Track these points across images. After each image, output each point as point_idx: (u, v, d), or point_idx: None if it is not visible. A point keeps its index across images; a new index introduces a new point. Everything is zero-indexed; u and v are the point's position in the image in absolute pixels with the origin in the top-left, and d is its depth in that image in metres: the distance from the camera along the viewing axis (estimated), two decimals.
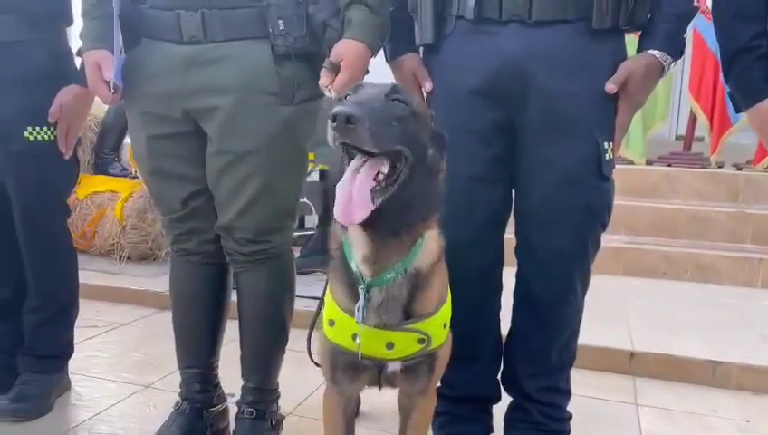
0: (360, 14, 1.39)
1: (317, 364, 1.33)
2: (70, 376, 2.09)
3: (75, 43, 1.72)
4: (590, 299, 1.57)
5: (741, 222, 3.68)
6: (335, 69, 1.37)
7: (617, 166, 1.46)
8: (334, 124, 0.95)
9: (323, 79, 1.38)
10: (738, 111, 1.34)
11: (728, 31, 1.30)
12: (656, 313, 2.91)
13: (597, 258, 1.49)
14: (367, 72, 1.47)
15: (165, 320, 2.83)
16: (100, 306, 2.99)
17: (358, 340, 1.16)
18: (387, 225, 1.06)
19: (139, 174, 3.22)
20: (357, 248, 1.12)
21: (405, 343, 1.18)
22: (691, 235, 3.71)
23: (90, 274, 3.20)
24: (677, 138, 5.03)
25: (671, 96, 4.58)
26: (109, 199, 3.67)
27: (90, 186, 3.74)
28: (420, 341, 1.18)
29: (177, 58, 1.45)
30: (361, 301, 1.14)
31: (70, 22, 1.90)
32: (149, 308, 3.01)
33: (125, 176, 3.89)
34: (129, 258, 3.59)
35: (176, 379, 1.80)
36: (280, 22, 1.41)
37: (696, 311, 2.96)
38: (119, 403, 2.02)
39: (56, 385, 2.00)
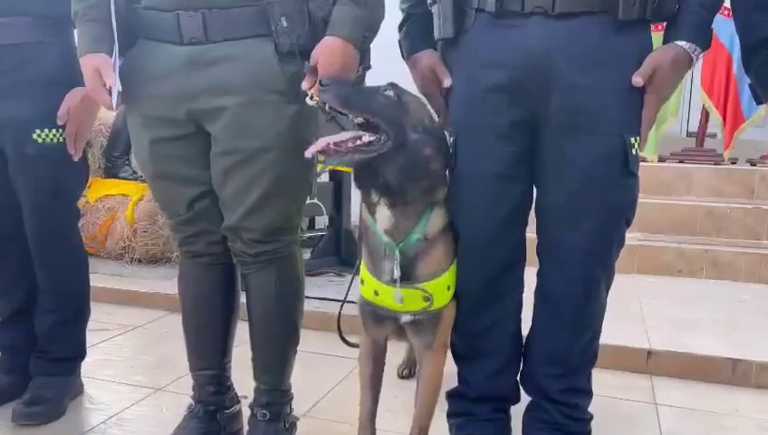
0: (341, 8, 1.39)
1: (346, 342, 1.61)
2: (82, 379, 2.08)
3: None
4: None
5: (757, 218, 3.63)
6: (314, 72, 1.35)
7: None
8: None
9: (304, 84, 1.37)
10: (759, 102, 1.31)
11: (749, 22, 1.27)
12: (672, 311, 2.87)
13: None
14: (368, 66, 1.45)
15: (176, 322, 2.81)
16: (111, 309, 2.98)
17: (391, 270, 1.39)
18: (395, 200, 1.33)
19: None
20: (380, 223, 1.37)
21: (413, 299, 1.39)
22: (706, 232, 3.67)
23: (101, 277, 3.19)
24: (689, 134, 4.98)
25: (682, 92, 4.53)
26: (120, 203, 3.67)
27: (100, 189, 3.75)
28: (425, 299, 1.38)
29: (180, 59, 1.42)
30: (396, 262, 1.37)
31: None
32: (160, 310, 3.00)
33: (135, 179, 3.89)
34: (140, 261, 3.59)
35: (188, 381, 1.78)
36: (283, 19, 1.38)
37: (713, 308, 2.92)
38: (132, 407, 2.01)
39: (69, 388, 1.99)
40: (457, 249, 1.44)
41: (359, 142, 1.29)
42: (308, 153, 1.30)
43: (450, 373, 1.60)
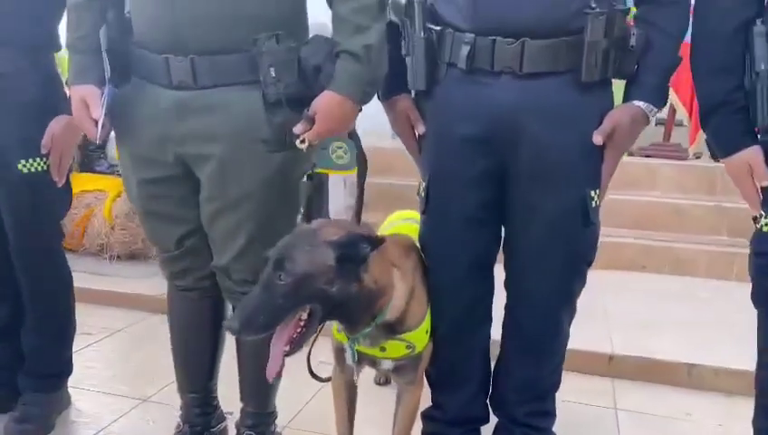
0: (344, 64, 1.40)
1: (316, 377, 1.60)
2: (69, 390, 2.14)
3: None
4: None
5: (718, 215, 3.78)
6: (311, 121, 1.41)
7: None
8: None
9: (297, 128, 1.41)
10: (714, 158, 1.40)
11: (706, 85, 1.36)
12: (635, 311, 3.02)
13: None
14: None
15: (157, 325, 2.92)
16: (92, 310, 2.99)
17: (349, 358, 1.49)
18: (351, 328, 1.40)
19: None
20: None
21: (395, 348, 1.46)
22: (670, 228, 3.82)
23: (80, 275, 3.14)
24: (658, 122, 5.11)
25: None
26: (96, 199, 3.68)
27: (77, 185, 3.70)
28: (408, 347, 1.46)
29: (168, 103, 1.46)
30: (349, 352, 1.46)
31: (58, 48, 1.91)
32: (142, 312, 3.05)
33: (112, 173, 3.89)
34: (118, 257, 3.62)
35: (172, 391, 1.88)
36: (271, 69, 1.41)
37: (674, 308, 3.07)
38: (119, 419, 2.08)
39: (57, 403, 2.06)
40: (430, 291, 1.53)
41: (302, 324, 1.30)
42: (270, 374, 1.35)
43: (425, 393, 1.71)
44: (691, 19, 1.43)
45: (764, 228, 1.31)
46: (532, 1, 1.33)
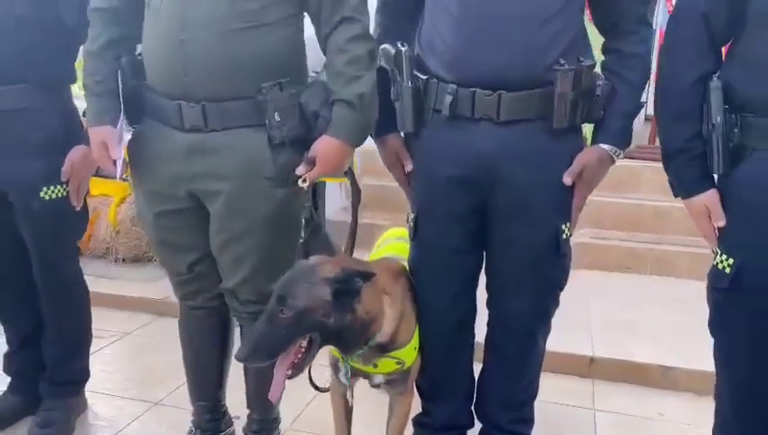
0: (340, 111, 1.54)
1: (317, 388, 1.74)
2: (85, 394, 2.30)
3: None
4: None
5: None
6: (312, 163, 1.56)
7: None
8: None
9: (299, 170, 1.57)
10: (676, 196, 1.55)
11: (667, 131, 1.50)
12: (616, 313, 3.18)
13: None
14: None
15: (164, 328, 3.10)
16: (102, 313, 3.08)
17: (343, 377, 1.66)
18: (346, 351, 1.56)
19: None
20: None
21: (386, 364, 1.62)
22: (652, 229, 3.98)
23: (87, 278, 3.32)
24: (647, 118, 5.23)
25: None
26: (101, 203, 3.82)
27: None
28: (398, 363, 1.62)
29: (181, 145, 1.60)
30: (342, 371, 1.64)
31: (74, 80, 2.05)
32: (148, 314, 3.22)
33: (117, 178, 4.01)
34: (123, 260, 3.77)
35: (182, 394, 2.05)
36: (276, 114, 1.55)
37: (654, 310, 3.24)
38: (133, 422, 2.25)
39: (75, 408, 2.23)
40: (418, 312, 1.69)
41: (302, 351, 1.44)
42: (273, 397, 1.51)
43: (415, 400, 1.87)
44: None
45: (719, 265, 1.43)
46: (506, 58, 1.47)
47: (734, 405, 1.50)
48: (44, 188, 1.92)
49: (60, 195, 1.95)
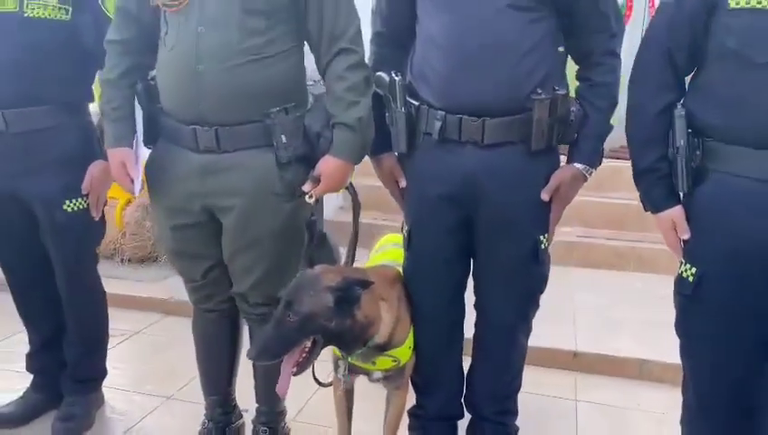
0: (341, 133, 1.71)
1: (320, 383, 1.89)
2: (103, 390, 2.47)
3: None
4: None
5: None
6: (317, 181, 1.73)
7: None
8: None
9: (306, 186, 1.74)
10: (646, 211, 1.71)
11: (637, 153, 1.65)
12: (599, 309, 3.36)
13: (551, 249, 1.86)
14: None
15: (172, 326, 3.28)
16: (112, 313, 3.21)
17: (341, 375, 1.84)
18: (347, 351, 1.73)
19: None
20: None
21: (383, 362, 1.79)
22: (634, 228, 4.15)
23: None
24: None
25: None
26: (108, 206, 3.93)
27: None
28: (394, 361, 1.79)
29: (195, 165, 1.76)
30: (341, 367, 1.81)
31: (92, 100, 2.21)
32: (156, 313, 3.38)
33: None
34: (129, 260, 3.93)
35: (191, 389, 2.24)
36: (282, 136, 1.72)
37: (634, 305, 3.41)
38: (147, 416, 2.42)
39: (95, 402, 2.40)
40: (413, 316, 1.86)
41: (306, 351, 1.61)
42: (280, 392, 1.67)
43: (410, 394, 2.05)
44: None
45: (683, 274, 1.60)
46: (490, 89, 1.64)
47: (697, 398, 1.66)
48: (67, 201, 2.08)
49: (81, 207, 2.12)
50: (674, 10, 1.52)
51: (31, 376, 2.40)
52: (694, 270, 1.57)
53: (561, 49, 1.71)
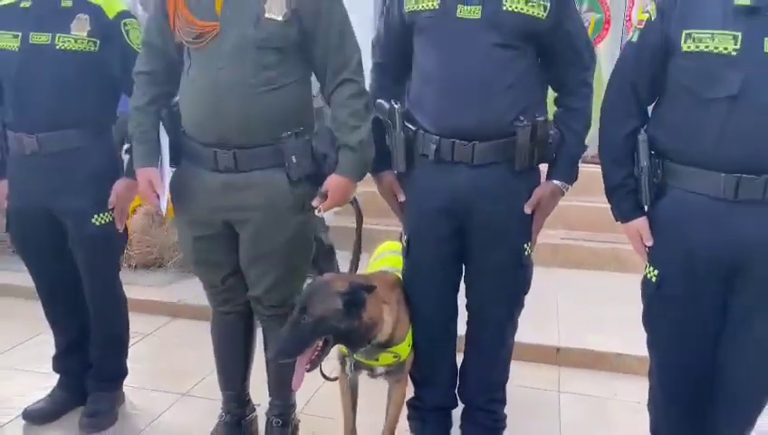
0: (344, 154, 1.93)
1: (327, 378, 2.04)
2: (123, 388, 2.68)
3: None
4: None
5: None
6: (324, 196, 1.95)
7: None
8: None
9: (315, 202, 1.96)
10: (616, 220, 1.95)
11: (608, 171, 1.89)
12: (580, 307, 3.61)
13: (536, 251, 2.09)
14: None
15: (180, 328, 3.48)
16: None
17: (347, 371, 2.05)
18: (353, 348, 1.94)
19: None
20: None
21: (385, 358, 2.00)
22: (614, 230, 4.38)
23: None
24: None
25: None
26: None
27: None
28: (395, 356, 2.00)
29: (217, 183, 1.97)
30: (348, 363, 2.03)
31: (115, 121, 2.41)
32: (164, 316, 3.58)
33: None
34: (136, 267, 4.13)
35: (205, 386, 2.51)
36: (293, 157, 1.94)
37: (612, 303, 3.63)
38: (166, 411, 2.63)
39: (117, 399, 2.61)
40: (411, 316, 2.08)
41: (318, 349, 1.81)
42: (295, 386, 1.87)
43: (409, 387, 2.27)
44: None
45: (648, 275, 1.85)
46: (478, 117, 1.86)
47: (659, 381, 1.93)
48: (96, 215, 2.29)
49: (108, 220, 2.32)
50: (637, 49, 1.77)
51: (55, 376, 2.59)
52: (656, 272, 1.81)
53: (541, 80, 1.94)
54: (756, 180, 1.60)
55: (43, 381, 2.66)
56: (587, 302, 3.72)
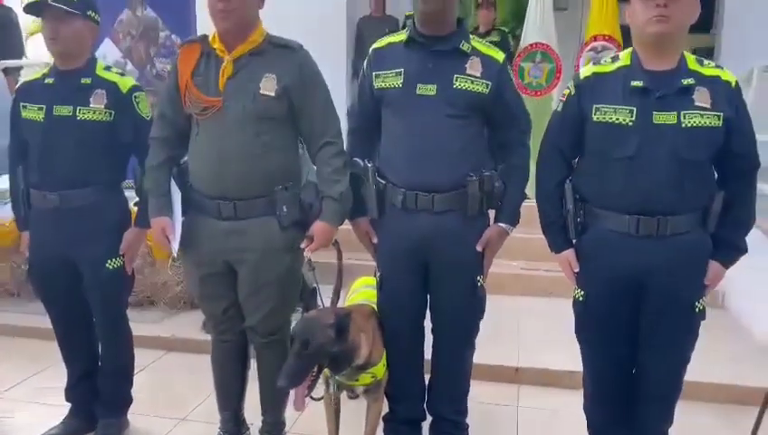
0: (327, 204, 2.32)
1: (312, 398, 2.34)
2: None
3: None
4: (489, 318, 2.48)
5: None
6: (311, 239, 2.33)
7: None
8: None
9: (303, 244, 2.34)
10: (551, 252, 2.35)
11: (543, 212, 2.31)
12: (538, 331, 3.98)
13: (500, 281, 2.48)
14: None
15: (174, 360, 3.77)
16: None
17: (331, 391, 2.42)
18: (337, 371, 2.26)
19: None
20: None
21: (364, 378, 2.35)
22: None
23: None
24: None
25: None
26: None
27: None
28: (372, 377, 2.34)
29: (219, 230, 2.34)
30: (331, 383, 2.41)
31: (126, 178, 2.77)
32: (160, 350, 3.87)
33: None
34: (130, 304, 4.39)
35: (201, 411, 2.85)
36: (284, 207, 2.33)
37: (567, 327, 4.02)
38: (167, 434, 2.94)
39: (124, 424, 2.91)
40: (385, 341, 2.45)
41: (313, 376, 2.13)
42: (300, 408, 2.14)
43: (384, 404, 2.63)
44: None
45: (576, 296, 2.26)
46: (435, 175, 2.27)
47: (590, 385, 2.35)
48: (109, 261, 2.63)
49: (119, 265, 2.66)
50: (561, 119, 2.21)
51: (61, 407, 2.88)
52: (583, 293, 2.24)
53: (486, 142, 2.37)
54: (651, 220, 2.04)
55: (54, 411, 2.94)
56: (544, 326, 4.09)
